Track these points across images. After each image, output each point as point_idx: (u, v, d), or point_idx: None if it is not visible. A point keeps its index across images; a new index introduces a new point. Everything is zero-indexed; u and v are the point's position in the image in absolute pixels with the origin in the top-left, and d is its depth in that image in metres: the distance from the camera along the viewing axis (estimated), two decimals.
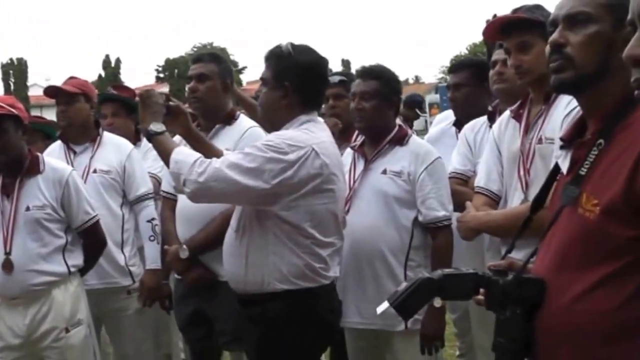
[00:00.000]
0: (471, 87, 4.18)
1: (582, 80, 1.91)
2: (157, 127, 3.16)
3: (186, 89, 4.20)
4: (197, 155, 3.08)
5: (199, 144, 3.38)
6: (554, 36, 1.95)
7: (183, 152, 3.10)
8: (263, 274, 3.12)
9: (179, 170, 3.02)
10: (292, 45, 3.25)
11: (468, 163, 3.78)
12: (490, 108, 3.87)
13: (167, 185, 4.16)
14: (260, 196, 3.02)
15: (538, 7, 3.16)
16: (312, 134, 3.13)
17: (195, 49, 69.62)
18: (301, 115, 3.19)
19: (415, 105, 11.05)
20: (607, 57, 1.85)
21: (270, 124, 3.32)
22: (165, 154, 3.11)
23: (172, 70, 68.02)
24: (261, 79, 3.33)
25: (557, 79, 1.95)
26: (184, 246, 3.86)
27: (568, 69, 1.91)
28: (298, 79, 3.16)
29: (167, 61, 71.09)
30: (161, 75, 70.97)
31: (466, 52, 72.62)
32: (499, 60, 3.58)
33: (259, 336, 3.20)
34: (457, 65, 4.44)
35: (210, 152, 3.28)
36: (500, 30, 3.17)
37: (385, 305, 1.90)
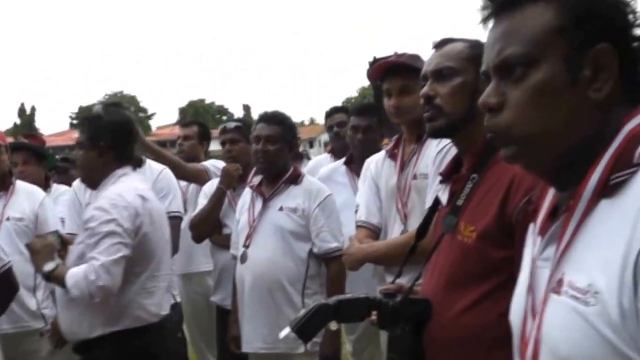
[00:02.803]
0: (375, 130, 4.19)
1: (452, 126, 2.03)
2: (49, 266, 3.12)
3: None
4: (82, 267, 3.03)
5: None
6: (425, 89, 2.06)
7: (72, 274, 3.04)
8: (87, 321, 3.11)
9: (81, 291, 3.00)
10: (103, 107, 3.34)
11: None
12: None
13: (73, 227, 4.08)
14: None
15: (418, 57, 3.20)
16: (128, 185, 3.18)
17: (107, 97, 68.48)
18: (117, 170, 3.22)
19: None
20: (473, 104, 1.88)
21: (91, 181, 3.33)
22: (64, 285, 3.07)
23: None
24: (78, 143, 3.36)
25: (431, 127, 2.07)
26: None
27: (439, 117, 2.03)
28: (112, 138, 3.20)
29: (81, 109, 69.58)
30: (75, 122, 69.36)
31: (356, 94, 73.70)
32: None
33: None
34: (365, 109, 4.35)
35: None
36: (385, 72, 3.22)
37: (287, 330, 1.90)
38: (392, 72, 3.17)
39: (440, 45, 2.15)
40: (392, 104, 3.16)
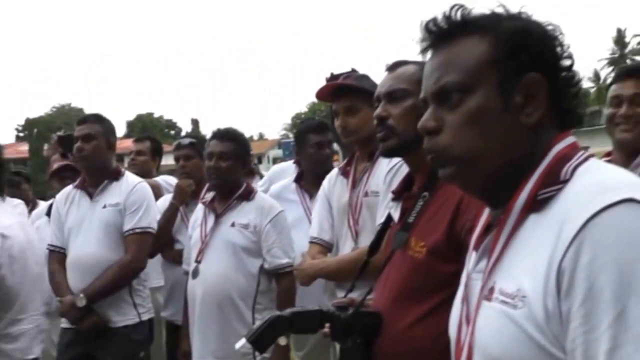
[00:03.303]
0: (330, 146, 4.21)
1: (404, 145, 2.08)
2: None
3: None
4: None
5: None
6: (378, 110, 2.12)
7: None
8: None
9: None
10: None
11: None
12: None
13: (53, 239, 4.05)
14: None
15: (365, 77, 3.28)
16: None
17: (54, 109, 67.30)
18: None
19: None
20: None
21: None
22: None
23: (31, 129, 65.27)
24: None
25: (383, 147, 2.13)
26: (81, 295, 3.79)
27: (392, 137, 2.09)
28: None
29: (27, 121, 68.20)
30: (21, 134, 67.92)
31: (306, 109, 73.83)
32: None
33: None
34: (325, 125, 4.30)
35: None
36: (332, 93, 3.26)
37: (243, 341, 1.92)
38: (339, 93, 3.23)
39: (392, 67, 2.20)
40: (339, 123, 3.22)
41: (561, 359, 1.08)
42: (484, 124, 1.23)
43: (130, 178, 4.11)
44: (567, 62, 1.28)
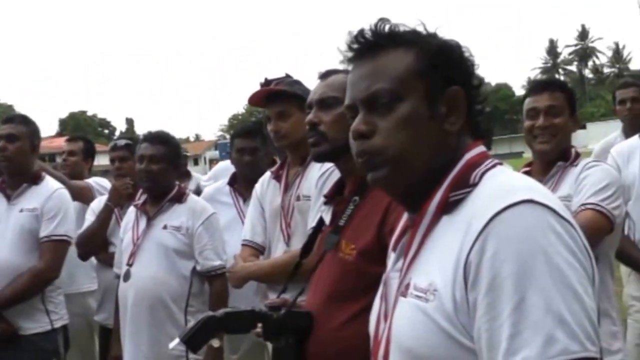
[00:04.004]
0: (260, 151, 4.21)
1: (335, 151, 2.15)
2: None
3: None
4: None
5: None
6: (310, 117, 2.18)
7: None
8: None
9: None
10: None
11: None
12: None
13: None
14: None
15: (297, 82, 3.33)
16: None
17: None
18: None
19: None
20: None
21: None
22: None
23: None
24: None
25: (314, 152, 2.20)
26: None
27: (323, 143, 2.16)
28: None
29: None
30: None
31: (243, 111, 73.49)
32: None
33: None
34: (249, 131, 4.34)
35: None
36: (264, 99, 3.30)
37: (176, 340, 1.93)
38: (271, 98, 3.27)
39: (324, 75, 2.26)
40: (271, 128, 3.27)
41: (469, 347, 1.17)
42: (414, 129, 1.32)
43: (50, 183, 4.01)
44: (476, 81, 1.40)
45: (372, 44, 1.37)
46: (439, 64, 1.34)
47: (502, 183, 1.25)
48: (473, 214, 1.20)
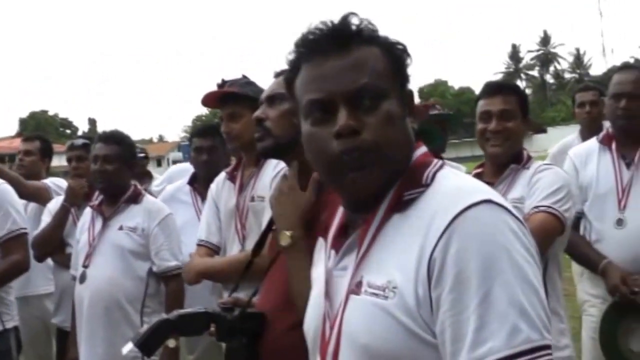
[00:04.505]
0: (219, 150, 4.21)
1: (278, 147, 2.15)
2: None
3: None
4: None
5: None
6: (257, 112, 2.19)
7: None
8: None
9: None
10: None
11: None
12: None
13: None
14: None
15: (250, 84, 3.34)
16: None
17: None
18: None
19: None
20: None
21: None
22: None
23: None
24: None
25: (260, 147, 2.20)
26: None
27: (267, 138, 2.16)
28: None
29: None
30: None
31: (207, 113, 73.14)
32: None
33: None
34: (207, 130, 4.36)
35: None
36: (217, 100, 3.33)
37: (130, 345, 1.91)
38: (223, 99, 3.29)
39: (279, 74, 2.25)
40: (223, 129, 3.30)
41: (430, 342, 1.18)
42: (397, 127, 1.31)
43: None
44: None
45: (345, 38, 1.33)
46: (402, 64, 1.37)
47: (459, 184, 1.29)
48: (434, 213, 1.21)
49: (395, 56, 1.36)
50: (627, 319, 3.30)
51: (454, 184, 1.28)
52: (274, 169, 3.11)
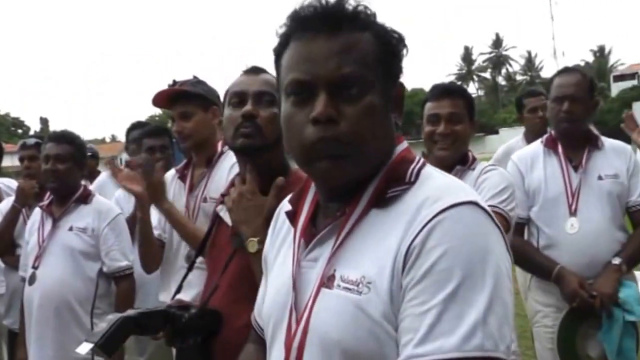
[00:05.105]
0: (169, 149, 4.19)
1: (264, 147, 2.08)
2: None
3: None
4: None
5: None
6: (247, 107, 2.09)
7: None
8: None
9: None
10: None
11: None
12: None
13: None
14: None
15: (201, 83, 3.34)
16: None
17: None
18: None
19: None
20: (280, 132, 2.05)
21: None
22: None
23: None
24: None
25: (246, 143, 2.09)
26: None
27: (257, 136, 2.07)
28: None
29: None
30: None
31: (160, 112, 72.28)
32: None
33: None
34: (158, 129, 4.33)
35: None
36: (168, 99, 3.30)
37: (87, 345, 1.81)
38: (174, 99, 3.28)
39: (256, 71, 2.20)
40: (175, 129, 3.28)
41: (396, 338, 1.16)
42: (377, 119, 1.26)
43: None
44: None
45: (337, 19, 1.26)
46: (395, 55, 1.31)
47: (446, 182, 1.27)
48: (419, 206, 1.19)
49: (388, 46, 1.30)
50: (584, 325, 3.28)
51: (441, 182, 1.26)
52: (230, 170, 3.09)
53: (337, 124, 1.23)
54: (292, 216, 1.44)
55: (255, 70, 2.20)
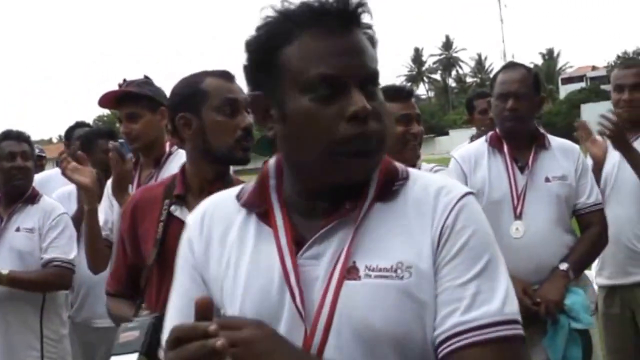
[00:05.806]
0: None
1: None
2: None
3: None
4: None
5: None
6: (250, 121, 2.17)
7: None
8: None
9: None
10: None
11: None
12: None
13: None
14: None
15: (148, 84, 3.31)
16: None
17: None
18: None
19: None
20: None
21: None
22: None
23: None
24: None
25: (247, 156, 2.23)
26: None
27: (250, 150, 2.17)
28: None
29: None
30: None
31: (109, 112, 71.54)
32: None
33: None
34: (112, 133, 4.22)
35: None
36: (115, 101, 3.28)
37: (131, 357, 1.78)
38: (121, 100, 3.26)
39: (233, 77, 2.26)
40: (123, 130, 3.25)
41: None
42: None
43: None
44: None
45: (349, 18, 1.27)
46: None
47: (436, 177, 1.40)
48: (435, 196, 1.29)
49: (376, 44, 1.33)
50: (528, 331, 3.24)
51: (433, 177, 1.39)
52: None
53: (367, 120, 1.24)
54: (263, 215, 1.36)
55: (232, 77, 2.26)
